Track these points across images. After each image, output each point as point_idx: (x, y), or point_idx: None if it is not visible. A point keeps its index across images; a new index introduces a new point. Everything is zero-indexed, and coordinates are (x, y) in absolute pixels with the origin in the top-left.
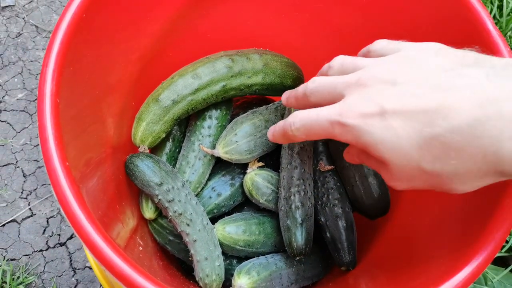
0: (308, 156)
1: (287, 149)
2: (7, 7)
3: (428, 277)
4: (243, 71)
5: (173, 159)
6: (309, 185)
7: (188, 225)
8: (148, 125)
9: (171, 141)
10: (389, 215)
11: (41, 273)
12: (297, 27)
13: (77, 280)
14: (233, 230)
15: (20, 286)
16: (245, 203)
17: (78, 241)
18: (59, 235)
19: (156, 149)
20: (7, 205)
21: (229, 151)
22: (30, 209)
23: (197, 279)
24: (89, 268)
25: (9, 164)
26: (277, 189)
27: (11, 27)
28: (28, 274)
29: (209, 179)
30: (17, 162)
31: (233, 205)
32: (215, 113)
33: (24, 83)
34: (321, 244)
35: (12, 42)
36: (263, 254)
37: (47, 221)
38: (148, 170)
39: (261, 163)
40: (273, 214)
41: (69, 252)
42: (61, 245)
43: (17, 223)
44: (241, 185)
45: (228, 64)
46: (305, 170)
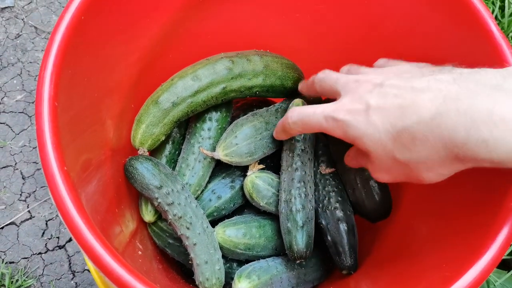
0: (309, 158)
1: (288, 151)
2: (6, 8)
3: (431, 282)
4: (244, 73)
5: (173, 162)
6: (310, 187)
7: (188, 229)
8: (147, 128)
9: (170, 143)
10: (390, 218)
11: (40, 276)
12: (298, 29)
13: (76, 283)
14: (233, 233)
15: None
16: (245, 205)
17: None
18: (58, 237)
19: (155, 152)
20: (5, 208)
21: (229, 154)
22: (29, 211)
23: (197, 282)
24: (88, 271)
25: (7, 166)
26: (278, 191)
27: (10, 28)
28: (27, 277)
29: (209, 182)
30: (16, 164)
31: (233, 208)
32: (215, 115)
33: (23, 85)
34: (322, 247)
35: (11, 43)
36: (264, 257)
37: (46, 224)
38: (147, 173)
39: (262, 166)
40: (273, 217)
41: (68, 255)
42: (60, 247)
43: (16, 225)
44: (242, 188)
45: (228, 65)
46: (306, 172)
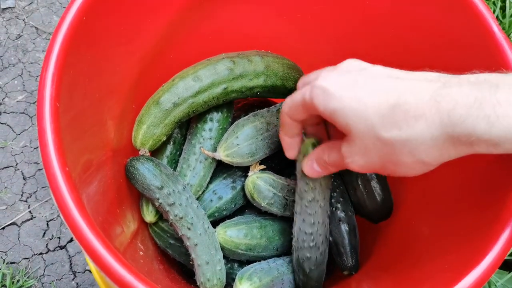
0: (320, 205)
1: (298, 197)
2: (7, 8)
3: (432, 282)
4: (245, 73)
5: (174, 162)
6: (325, 226)
7: (189, 229)
8: (148, 128)
9: (172, 144)
10: (391, 218)
11: (41, 276)
12: (299, 29)
13: (77, 283)
14: (234, 233)
15: None
16: (246, 206)
17: (78, 244)
18: (59, 238)
19: (156, 152)
20: (6, 208)
21: (231, 154)
22: (30, 212)
23: (198, 283)
24: (89, 271)
25: (9, 166)
26: (279, 192)
27: (11, 29)
28: (28, 277)
29: (210, 182)
30: (17, 164)
31: (235, 209)
32: (216, 116)
33: (24, 85)
34: None
35: (12, 44)
36: (265, 258)
37: (47, 224)
38: (148, 173)
39: (263, 166)
40: (275, 217)
41: (69, 255)
42: (61, 248)
43: (17, 226)
44: (243, 188)
45: (229, 66)
46: (314, 221)
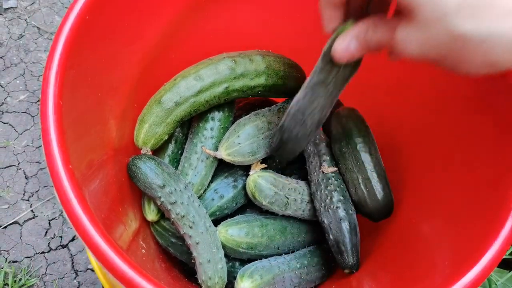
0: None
1: (311, 77)
2: (9, 8)
3: (432, 280)
4: (246, 73)
5: (176, 161)
6: (322, 114)
7: (190, 228)
8: (150, 127)
9: (173, 143)
10: (392, 217)
11: (43, 275)
12: (300, 28)
13: (79, 282)
14: (235, 232)
15: None
16: (248, 205)
17: (80, 243)
18: (61, 237)
19: (158, 151)
20: (9, 207)
21: (232, 153)
22: (32, 211)
23: (199, 281)
24: (91, 270)
25: (11, 166)
26: (280, 191)
27: (13, 29)
28: (30, 276)
29: (211, 181)
30: (19, 164)
31: (236, 207)
32: (218, 115)
33: (26, 85)
34: (324, 247)
35: (14, 43)
36: (266, 256)
37: (49, 223)
38: (150, 172)
39: (264, 165)
40: (276, 216)
41: (71, 254)
42: (63, 247)
43: (19, 225)
44: (244, 187)
45: (230, 65)
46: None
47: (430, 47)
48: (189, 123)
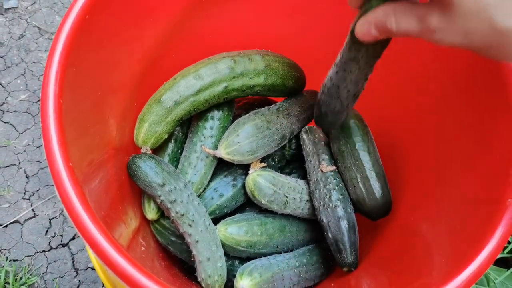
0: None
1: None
2: (10, 9)
3: (430, 277)
4: (245, 72)
5: (175, 160)
6: (358, 86)
7: (190, 226)
8: (150, 126)
9: (173, 142)
10: (390, 216)
11: (43, 273)
12: (299, 28)
13: (79, 280)
14: (235, 231)
15: (22, 286)
16: (247, 203)
17: (80, 242)
18: (62, 236)
19: (158, 150)
20: (9, 206)
21: (231, 152)
22: (32, 210)
23: (199, 279)
24: (92, 268)
25: (11, 165)
26: (280, 189)
27: (14, 29)
28: (30, 274)
29: (211, 180)
30: (19, 163)
31: (235, 206)
32: (217, 114)
33: (26, 85)
34: (323, 245)
35: (15, 43)
36: (265, 255)
37: (50, 222)
38: (150, 171)
39: (263, 164)
40: (275, 215)
41: (72, 253)
42: (64, 246)
43: (20, 224)
44: (243, 186)
45: (230, 65)
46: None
47: (473, 37)
48: (189, 122)
